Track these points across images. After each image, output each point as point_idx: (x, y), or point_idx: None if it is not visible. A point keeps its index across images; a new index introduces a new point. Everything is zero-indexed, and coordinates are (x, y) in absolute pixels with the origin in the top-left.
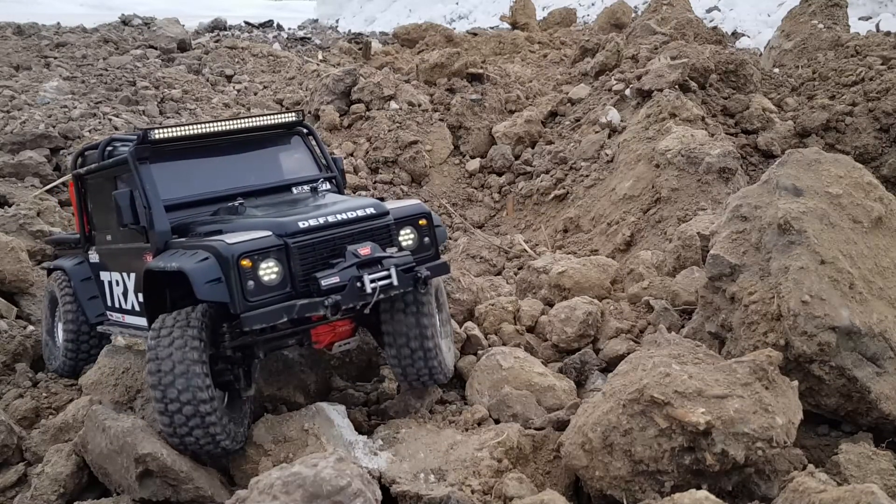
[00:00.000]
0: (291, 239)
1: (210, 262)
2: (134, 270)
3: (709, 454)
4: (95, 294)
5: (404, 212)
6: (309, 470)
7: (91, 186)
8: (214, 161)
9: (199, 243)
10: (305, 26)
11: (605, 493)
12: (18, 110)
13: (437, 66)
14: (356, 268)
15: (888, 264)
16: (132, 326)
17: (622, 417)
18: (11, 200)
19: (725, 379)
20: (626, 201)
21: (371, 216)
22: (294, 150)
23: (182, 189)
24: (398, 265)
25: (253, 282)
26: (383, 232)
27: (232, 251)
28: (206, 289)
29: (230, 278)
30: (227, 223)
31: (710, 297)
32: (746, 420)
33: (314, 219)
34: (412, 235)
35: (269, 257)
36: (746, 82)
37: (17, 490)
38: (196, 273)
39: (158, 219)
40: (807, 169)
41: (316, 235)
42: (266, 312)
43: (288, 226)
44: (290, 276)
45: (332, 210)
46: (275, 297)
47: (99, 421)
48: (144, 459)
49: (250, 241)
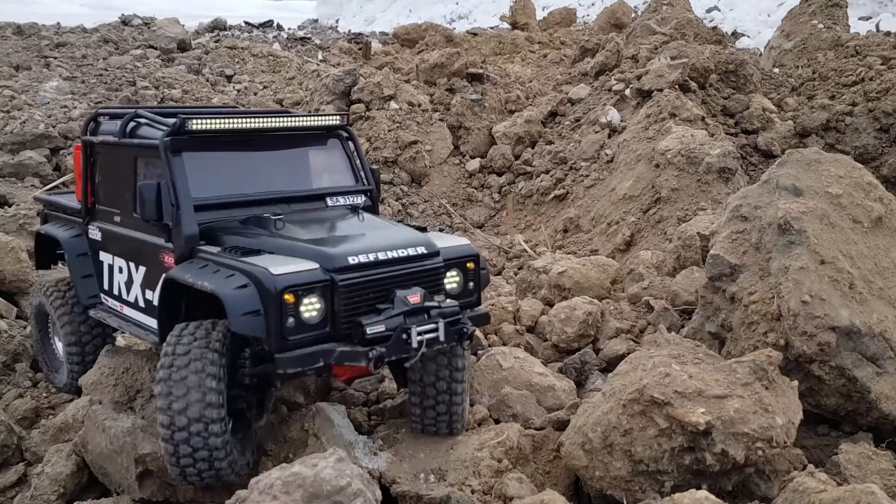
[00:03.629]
0: (339, 275)
1: (249, 291)
2: (145, 265)
3: (709, 454)
4: (90, 273)
5: (453, 253)
6: (309, 470)
7: (103, 159)
8: (249, 159)
9: (237, 264)
10: (305, 26)
11: (605, 493)
12: (18, 110)
13: (437, 66)
14: (403, 317)
15: (888, 264)
16: (132, 321)
17: (622, 417)
18: (11, 200)
19: (725, 379)
20: (626, 201)
21: (422, 256)
22: (331, 156)
23: (213, 188)
24: (445, 317)
25: (293, 318)
26: (432, 275)
27: (275, 283)
28: (243, 321)
29: (269, 312)
30: (266, 241)
31: (710, 297)
32: (746, 420)
33: (363, 254)
34: (458, 279)
35: (313, 293)
36: (746, 82)
37: (17, 490)
38: (233, 302)
39: (187, 221)
40: (807, 169)
41: (365, 274)
42: (303, 356)
43: (336, 259)
44: (332, 316)
45: (382, 244)
46: (313, 337)
47: (99, 421)
48: (144, 459)
49: (296, 274)
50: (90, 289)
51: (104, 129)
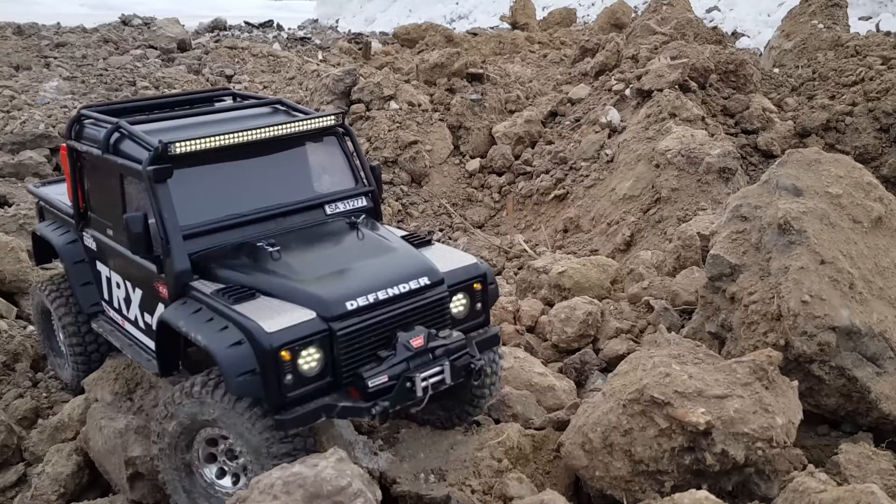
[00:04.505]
0: (337, 324)
1: (244, 349)
2: (141, 288)
3: (709, 454)
4: (90, 280)
5: (458, 277)
6: (309, 470)
7: (90, 167)
8: (239, 172)
9: (230, 313)
10: (305, 26)
11: (605, 493)
12: (18, 110)
13: (437, 66)
14: (406, 363)
15: (888, 264)
16: (135, 341)
17: (622, 417)
18: (11, 200)
19: (725, 379)
20: (626, 201)
21: (425, 288)
22: (328, 157)
23: (203, 212)
24: (451, 354)
25: (291, 375)
26: (436, 307)
27: (271, 341)
28: (239, 383)
29: (266, 371)
30: (261, 280)
31: (710, 297)
32: (746, 420)
33: (362, 296)
34: (464, 301)
35: (311, 345)
36: (746, 82)
37: (17, 490)
38: (228, 362)
39: (178, 255)
40: (807, 169)
41: (364, 318)
42: (304, 415)
43: (333, 306)
44: (332, 365)
45: (382, 280)
46: (312, 390)
47: (96, 420)
48: (134, 462)
49: (292, 329)
50: (91, 297)
51: (88, 135)
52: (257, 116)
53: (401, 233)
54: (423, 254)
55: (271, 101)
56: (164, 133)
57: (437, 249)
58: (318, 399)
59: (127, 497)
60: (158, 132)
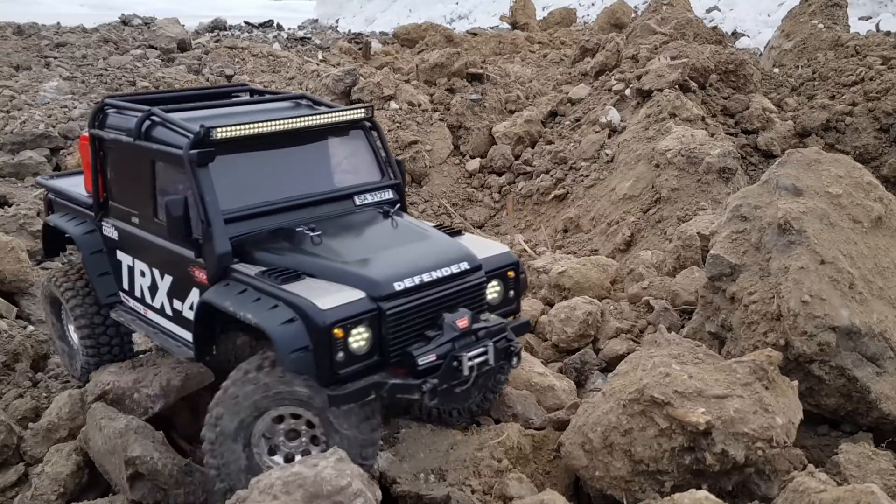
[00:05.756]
0: (386, 303)
1: (297, 326)
2: (171, 274)
3: (709, 454)
4: (107, 271)
5: (494, 263)
6: (309, 470)
7: (115, 156)
8: (273, 161)
9: (280, 293)
10: (305, 26)
11: (605, 493)
12: (18, 110)
13: (437, 66)
14: (452, 343)
15: (888, 264)
16: (161, 329)
17: (622, 417)
18: (11, 200)
19: (725, 379)
20: (626, 201)
21: (465, 272)
22: (356, 149)
23: (241, 197)
24: (493, 336)
25: (343, 352)
26: (476, 291)
27: (324, 318)
28: (293, 359)
29: (319, 348)
30: (304, 262)
31: (710, 297)
32: (746, 420)
33: (409, 277)
34: (498, 288)
35: (361, 324)
36: (746, 82)
37: (17, 490)
38: (282, 339)
39: (219, 238)
40: (807, 169)
41: (412, 299)
42: (355, 391)
43: (383, 286)
44: (380, 344)
45: (425, 263)
46: (362, 367)
47: (96, 419)
48: (134, 462)
49: (344, 307)
50: (108, 287)
51: (113, 124)
52: (284, 109)
53: (431, 224)
54: (457, 241)
55: (295, 96)
56: (197, 122)
57: (469, 239)
58: (368, 377)
59: (127, 497)
60: (192, 121)
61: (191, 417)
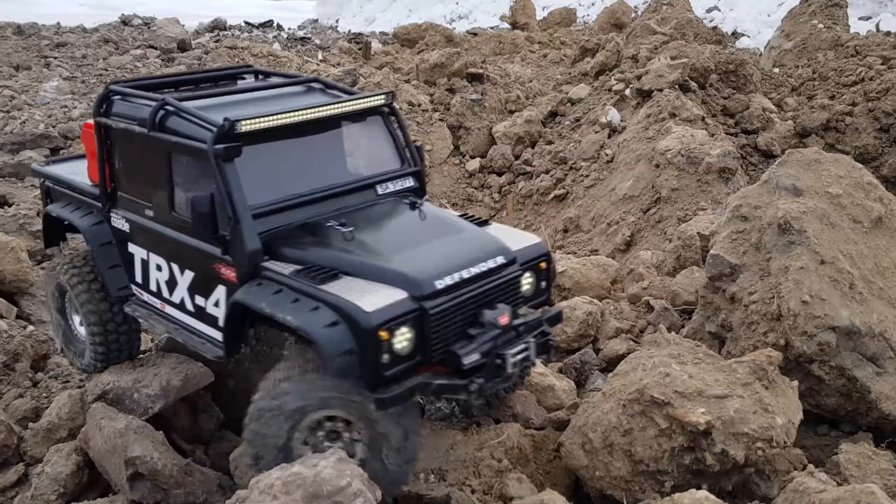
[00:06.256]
0: (429, 302)
1: (341, 329)
2: (193, 270)
3: (709, 454)
4: (118, 263)
5: (527, 255)
6: (309, 470)
7: (124, 145)
8: (294, 151)
9: (319, 293)
10: (305, 26)
11: (605, 493)
12: (18, 110)
13: (437, 66)
14: (495, 340)
15: (888, 264)
16: (181, 325)
17: (622, 417)
18: (11, 200)
19: (725, 379)
20: (626, 201)
21: (502, 266)
22: (375, 136)
23: (266, 192)
24: (531, 330)
25: (388, 354)
26: (512, 285)
27: (369, 320)
28: (339, 364)
29: (365, 351)
30: (338, 259)
31: (710, 297)
32: (746, 420)
33: (449, 275)
34: (531, 280)
35: (404, 325)
36: (746, 82)
37: (17, 490)
38: (328, 342)
39: (249, 236)
40: (807, 169)
41: (453, 296)
42: (401, 394)
43: (424, 285)
44: (421, 343)
45: (463, 259)
46: (405, 368)
47: (97, 419)
48: (134, 462)
49: (388, 308)
50: (119, 280)
51: (121, 112)
52: (299, 95)
53: (456, 213)
54: (489, 233)
55: (306, 80)
56: (213, 111)
57: (497, 229)
58: (412, 377)
59: (127, 497)
60: (208, 109)
61: (191, 418)
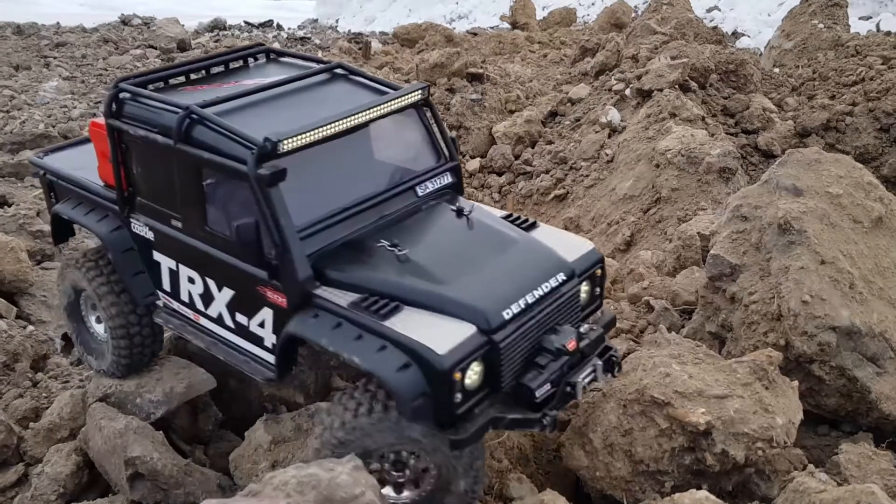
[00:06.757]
0: (498, 335)
1: (413, 373)
2: (232, 288)
3: (709, 454)
4: (142, 269)
5: (583, 265)
6: (325, 473)
7: (144, 153)
8: (334, 160)
9: (383, 330)
10: (305, 26)
11: (605, 494)
12: (18, 110)
13: (436, 65)
14: (564, 367)
15: (888, 264)
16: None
17: (622, 418)
18: (11, 200)
19: (726, 379)
20: (627, 201)
21: (563, 283)
22: (411, 132)
23: (309, 209)
24: (594, 348)
25: (460, 393)
26: (573, 302)
27: (443, 363)
28: (415, 408)
29: (438, 394)
30: (395, 284)
31: (711, 297)
32: (746, 420)
33: (514, 302)
34: (587, 289)
35: (476, 361)
36: (746, 82)
37: (16, 490)
38: (402, 388)
39: (300, 263)
40: (807, 169)
41: (519, 325)
42: (475, 432)
43: (492, 317)
44: (491, 375)
45: (525, 281)
46: (475, 402)
47: (96, 420)
48: (134, 462)
49: (460, 347)
50: (145, 287)
51: (137, 116)
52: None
53: (500, 213)
54: (544, 244)
55: (330, 67)
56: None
57: (546, 232)
58: (484, 412)
59: (127, 497)
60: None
61: (190, 418)
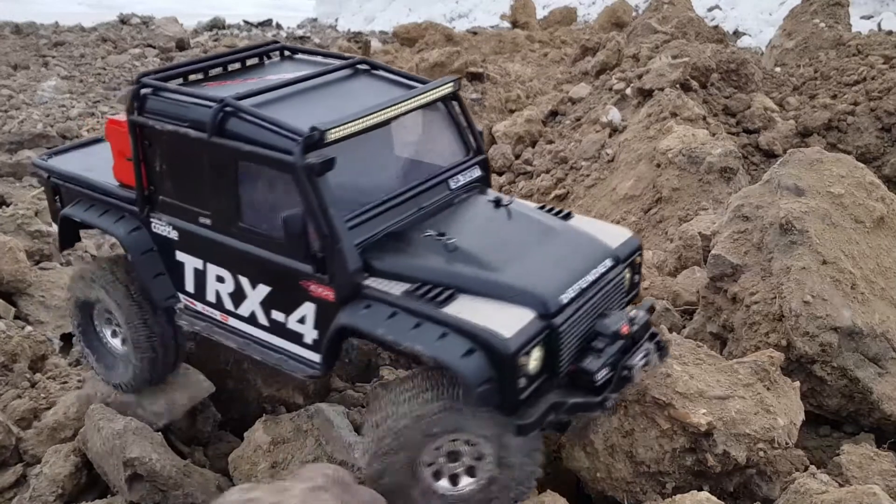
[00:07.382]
0: (556, 318)
1: (479, 358)
2: (270, 284)
3: (710, 455)
4: (162, 271)
5: (624, 252)
6: None
7: (170, 149)
8: (373, 153)
9: (442, 317)
10: (304, 25)
11: (606, 495)
12: (17, 109)
13: (437, 65)
14: (620, 351)
15: (890, 264)
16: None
17: (623, 419)
18: (9, 200)
19: (727, 380)
20: (627, 201)
21: (610, 269)
22: (440, 125)
23: (353, 200)
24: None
25: (524, 378)
26: (620, 286)
27: (508, 347)
28: (481, 394)
29: (504, 379)
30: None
31: (712, 298)
32: (748, 421)
33: (569, 287)
34: (628, 276)
35: (537, 346)
36: (748, 81)
37: (15, 491)
38: (469, 373)
39: (350, 254)
40: (808, 168)
41: (576, 309)
42: (539, 418)
43: (550, 301)
44: (550, 360)
45: (577, 266)
46: (535, 387)
47: (95, 420)
48: (132, 463)
49: (523, 331)
50: (166, 289)
51: (163, 111)
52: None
53: (533, 205)
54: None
55: (354, 62)
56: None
57: (583, 222)
58: (545, 397)
59: (125, 498)
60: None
61: (189, 419)
